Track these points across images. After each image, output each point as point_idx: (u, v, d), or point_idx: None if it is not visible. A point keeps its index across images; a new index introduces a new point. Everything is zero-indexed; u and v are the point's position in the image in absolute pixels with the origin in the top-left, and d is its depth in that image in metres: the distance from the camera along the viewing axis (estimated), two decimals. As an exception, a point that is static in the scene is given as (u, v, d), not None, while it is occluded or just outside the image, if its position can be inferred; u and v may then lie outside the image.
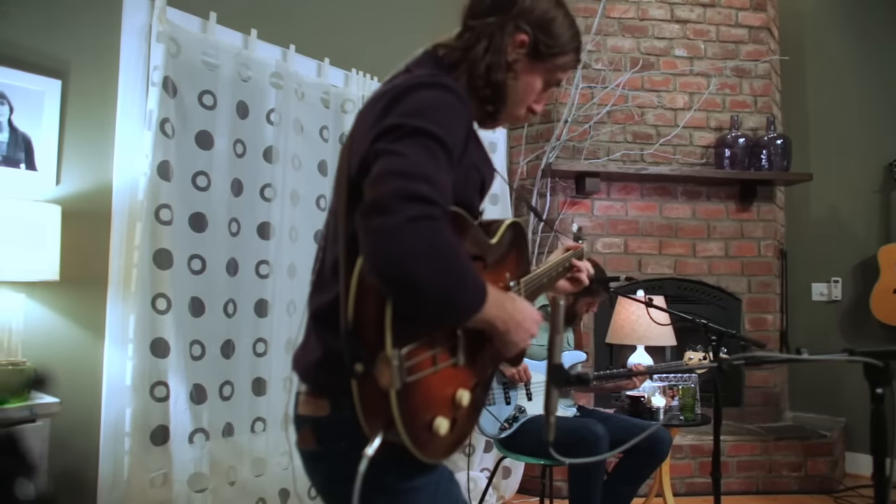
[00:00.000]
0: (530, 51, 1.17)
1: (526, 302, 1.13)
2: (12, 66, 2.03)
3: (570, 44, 1.20)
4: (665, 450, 2.50)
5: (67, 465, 2.10)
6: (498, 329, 1.04)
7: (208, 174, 2.45)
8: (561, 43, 1.18)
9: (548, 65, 1.19)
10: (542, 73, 1.20)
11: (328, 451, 1.05)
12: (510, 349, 1.09)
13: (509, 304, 1.06)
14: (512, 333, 1.06)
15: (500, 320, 1.03)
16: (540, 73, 1.20)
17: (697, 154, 3.92)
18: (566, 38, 1.19)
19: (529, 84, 1.20)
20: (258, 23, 2.67)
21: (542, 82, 1.22)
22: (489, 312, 0.99)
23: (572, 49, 1.21)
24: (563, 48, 1.19)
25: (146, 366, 2.21)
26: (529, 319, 1.10)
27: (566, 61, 1.21)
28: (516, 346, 1.09)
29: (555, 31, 1.17)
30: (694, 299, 3.84)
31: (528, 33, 1.16)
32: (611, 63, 3.87)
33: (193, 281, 2.39)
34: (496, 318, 1.02)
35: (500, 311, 1.03)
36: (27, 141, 2.07)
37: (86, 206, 2.17)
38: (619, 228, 3.83)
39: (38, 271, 1.89)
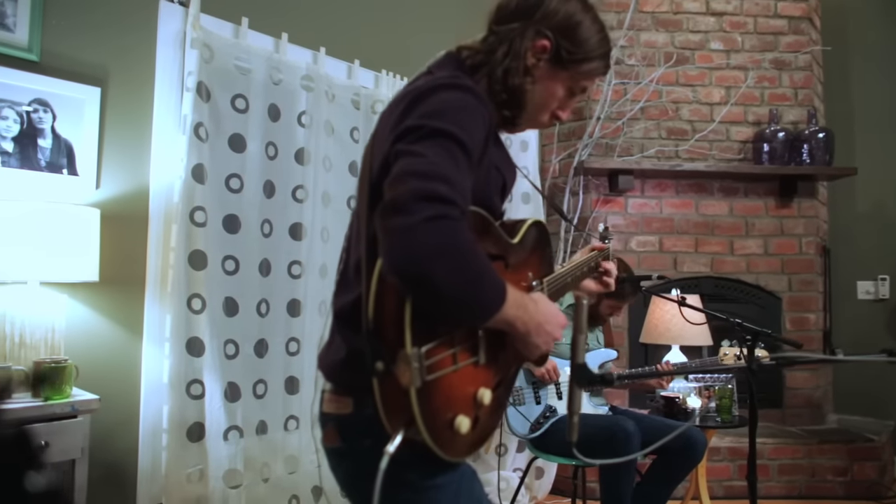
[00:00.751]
0: (552, 57, 1.15)
1: (550, 304, 1.12)
2: (55, 75, 2.11)
3: (596, 50, 1.17)
4: (700, 452, 2.45)
5: (109, 460, 2.17)
6: (518, 330, 1.03)
7: (241, 176, 2.50)
8: (586, 49, 1.16)
9: (571, 72, 1.17)
10: (564, 80, 1.19)
11: (352, 448, 1.06)
12: (532, 351, 1.08)
13: (531, 305, 1.05)
14: (533, 335, 1.05)
15: (521, 321, 1.02)
16: (562, 80, 1.18)
17: (735, 149, 3.82)
18: (592, 44, 1.16)
19: (550, 90, 1.19)
20: (289, 26, 2.71)
21: (564, 89, 1.20)
22: (509, 313, 0.99)
23: (599, 55, 1.18)
24: (587, 54, 1.16)
25: (182, 364, 2.27)
26: (552, 322, 1.09)
27: (592, 68, 1.19)
28: (538, 348, 1.08)
29: (580, 37, 1.15)
30: (732, 298, 3.75)
31: (549, 39, 1.14)
32: (644, 58, 3.81)
33: (227, 281, 2.44)
34: (516, 319, 1.01)
35: (522, 313, 1.02)
36: (69, 147, 2.14)
37: (124, 209, 2.24)
38: (654, 226, 3.77)
39: (79, 273, 1.96)
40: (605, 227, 1.73)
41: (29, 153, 2.07)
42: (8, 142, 2.03)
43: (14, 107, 2.04)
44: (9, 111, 2.03)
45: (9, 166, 2.02)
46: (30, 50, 2.07)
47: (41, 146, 2.09)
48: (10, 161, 2.03)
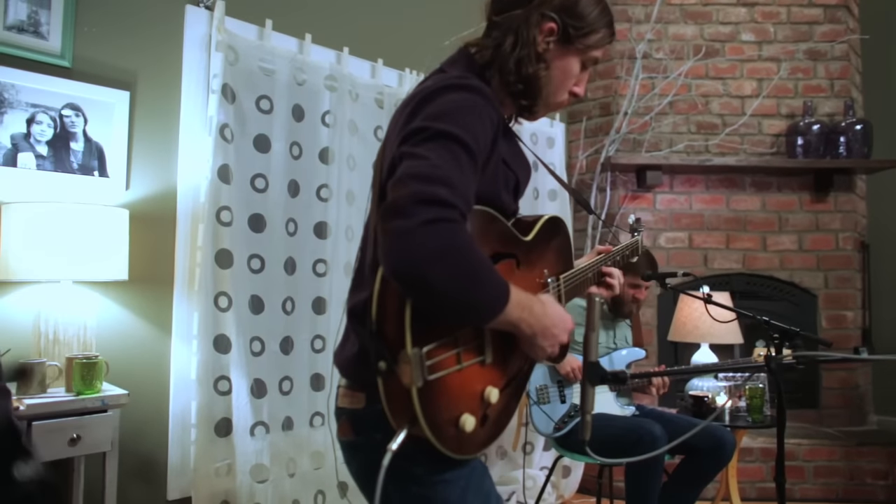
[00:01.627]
0: (560, 37, 1.15)
1: (558, 306, 1.11)
2: (86, 80, 2.17)
3: (599, 20, 1.17)
4: (728, 452, 2.40)
5: (140, 453, 2.23)
6: (524, 332, 1.02)
7: (266, 176, 2.54)
8: (590, 21, 1.16)
9: (579, 46, 1.17)
10: (576, 56, 1.18)
11: (364, 441, 1.07)
12: (537, 353, 1.08)
13: (538, 307, 1.04)
14: (539, 337, 1.04)
15: (526, 323, 1.01)
16: (574, 56, 1.18)
17: (767, 143, 3.73)
18: (594, 16, 1.16)
19: (565, 69, 1.18)
20: (312, 27, 2.74)
21: (578, 64, 1.20)
22: (513, 315, 0.98)
23: (603, 25, 1.18)
24: (592, 26, 1.16)
25: (210, 361, 2.31)
26: (559, 325, 1.08)
27: (598, 38, 1.18)
28: (543, 351, 1.07)
29: (581, 12, 1.15)
30: (765, 295, 3.66)
31: (555, 20, 1.14)
32: (672, 52, 3.74)
33: (253, 280, 2.48)
34: (521, 321, 1.01)
35: (527, 315, 1.01)
36: (100, 150, 2.21)
37: (153, 210, 2.29)
38: (683, 222, 3.70)
39: (110, 272, 2.02)
40: (636, 218, 1.71)
41: (62, 156, 2.14)
42: (42, 145, 2.10)
43: (48, 112, 2.11)
44: (43, 116, 2.10)
45: (43, 169, 2.09)
46: (62, 56, 2.14)
47: (73, 149, 2.15)
48: (45, 164, 2.10)
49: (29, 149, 2.07)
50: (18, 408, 1.68)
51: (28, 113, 2.07)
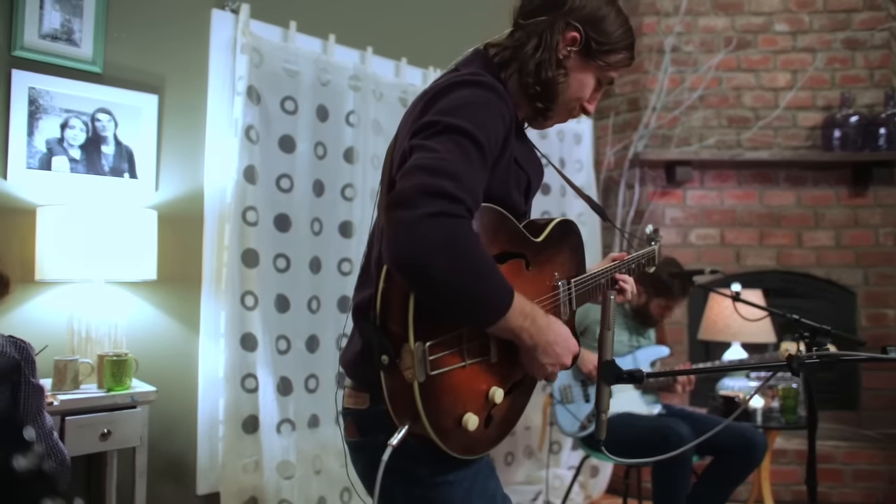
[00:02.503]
0: (582, 48, 1.15)
1: (564, 327, 1.08)
2: (116, 85, 2.23)
3: (621, 41, 1.17)
4: (759, 454, 2.34)
5: (170, 449, 2.29)
6: (525, 342, 1.01)
7: (291, 177, 2.57)
8: (613, 41, 1.16)
9: (599, 62, 1.17)
10: (594, 71, 1.18)
11: (368, 442, 1.08)
12: (537, 370, 1.06)
13: (542, 320, 1.02)
14: (540, 352, 1.02)
15: (528, 334, 1.00)
16: (593, 71, 1.18)
17: (802, 136, 3.62)
18: (618, 36, 1.16)
19: (582, 81, 1.18)
20: (336, 28, 2.76)
21: (594, 80, 1.19)
22: (515, 322, 0.97)
23: (624, 47, 1.18)
24: (614, 46, 1.16)
25: (237, 359, 2.36)
26: (563, 345, 1.05)
27: (618, 59, 1.18)
28: (543, 368, 1.05)
29: (606, 29, 1.15)
30: (800, 293, 3.56)
31: (579, 31, 1.14)
32: (702, 44, 3.66)
33: (279, 279, 2.51)
34: (522, 330, 0.99)
35: (529, 324, 0.99)
36: (129, 152, 2.26)
37: (181, 210, 2.34)
38: (715, 219, 3.62)
39: (140, 272, 2.07)
40: (653, 229, 1.68)
41: (94, 159, 2.20)
42: (76, 149, 2.17)
43: (80, 116, 2.17)
44: (76, 121, 2.16)
45: (76, 172, 2.16)
46: (94, 63, 2.20)
47: (104, 152, 2.22)
48: (78, 167, 2.16)
49: (63, 152, 2.14)
50: (52, 403, 1.73)
51: (62, 118, 2.14)
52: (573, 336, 1.11)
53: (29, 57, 2.07)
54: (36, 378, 1.46)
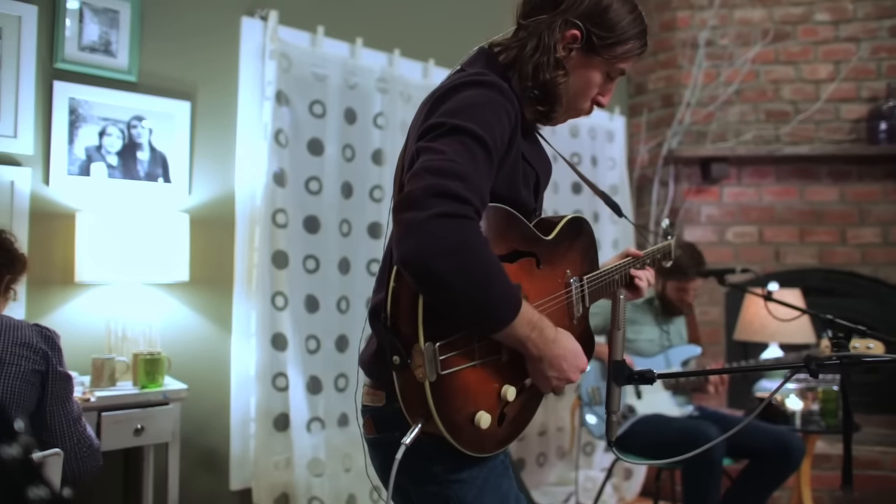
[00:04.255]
0: (584, 45, 1.12)
1: (575, 342, 1.07)
2: (151, 93, 2.31)
3: (629, 31, 1.13)
4: (796, 458, 2.27)
5: (204, 445, 2.35)
6: (531, 353, 1.00)
7: (320, 179, 2.62)
8: (618, 32, 1.12)
9: (605, 56, 1.13)
10: (600, 66, 1.15)
11: (385, 439, 1.09)
12: (542, 383, 1.04)
13: (550, 332, 1.01)
14: (546, 364, 1.01)
15: (534, 344, 0.99)
16: (598, 66, 1.15)
17: (845, 129, 3.49)
18: (624, 26, 1.12)
19: (587, 78, 1.16)
20: (364, 31, 2.79)
21: (601, 75, 1.16)
22: (521, 331, 0.96)
23: (633, 36, 1.14)
24: (620, 37, 1.12)
25: (267, 358, 2.41)
26: (570, 360, 1.04)
27: (627, 49, 1.15)
28: (548, 381, 1.03)
29: (610, 21, 1.11)
30: (844, 292, 3.43)
31: (579, 28, 1.11)
32: (738, 37, 3.57)
33: (308, 279, 2.56)
34: (529, 340, 0.98)
35: (536, 335, 0.98)
36: (164, 158, 2.34)
37: (213, 213, 2.41)
38: (753, 216, 3.52)
39: (173, 274, 2.13)
40: (669, 223, 1.65)
41: (130, 165, 2.28)
42: (112, 156, 2.25)
43: (117, 124, 2.26)
44: (113, 128, 2.25)
45: (113, 177, 2.24)
46: (129, 72, 2.28)
47: (140, 158, 2.30)
48: (115, 173, 2.25)
49: (100, 159, 2.22)
50: (89, 399, 1.81)
51: (100, 126, 2.22)
52: (581, 337, 1.10)
53: (69, 69, 2.16)
54: (63, 366, 1.52)
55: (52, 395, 1.49)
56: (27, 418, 1.46)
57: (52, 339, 1.53)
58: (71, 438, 1.51)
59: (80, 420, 1.55)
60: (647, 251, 1.43)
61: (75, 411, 1.54)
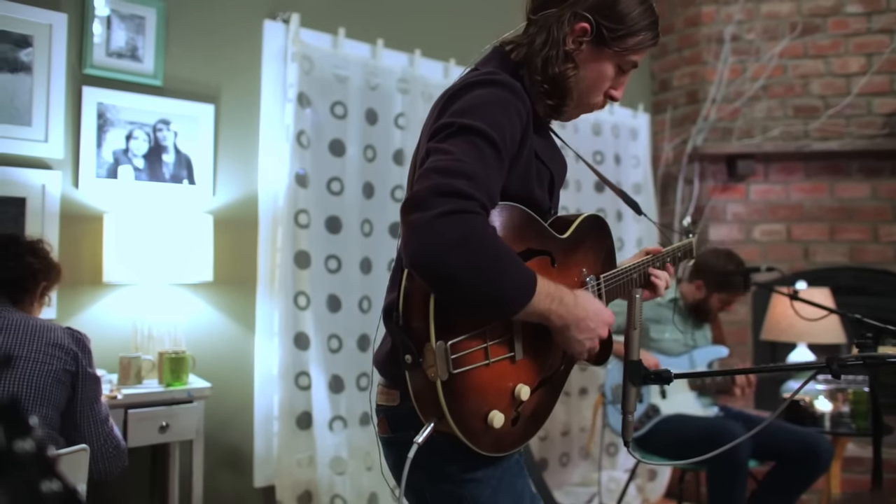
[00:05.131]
0: (594, 38, 1.11)
1: (595, 300, 1.07)
2: (176, 96, 2.35)
3: (640, 22, 1.12)
4: (824, 461, 2.22)
5: (229, 443, 2.39)
6: (555, 324, 1.00)
7: (341, 179, 2.64)
8: (628, 23, 1.11)
9: (616, 48, 1.12)
10: (611, 59, 1.14)
11: (399, 438, 1.10)
12: (573, 347, 1.04)
13: (569, 298, 1.01)
14: (573, 330, 1.01)
15: (557, 315, 0.99)
16: (609, 59, 1.14)
17: (878, 124, 3.40)
18: (634, 17, 1.11)
19: (598, 72, 1.15)
20: (385, 32, 2.81)
21: (613, 68, 1.15)
22: (541, 305, 0.96)
23: (644, 27, 1.12)
24: (630, 28, 1.11)
25: (290, 357, 2.44)
26: (595, 318, 1.04)
27: (638, 41, 1.13)
28: (581, 344, 1.03)
29: (619, 12, 1.10)
30: (876, 291, 3.35)
31: (588, 20, 1.10)
32: (765, 31, 3.50)
33: (330, 279, 2.58)
34: (551, 312, 0.98)
35: (557, 306, 0.99)
36: (188, 160, 2.38)
37: (237, 214, 2.45)
38: (781, 214, 3.45)
39: (197, 274, 2.17)
40: (690, 220, 1.62)
41: (156, 168, 2.33)
42: (139, 159, 2.30)
43: (143, 127, 2.30)
44: (139, 132, 2.30)
45: (140, 180, 2.29)
46: (155, 76, 2.33)
47: (165, 161, 2.34)
48: (141, 175, 2.30)
49: (127, 162, 2.27)
50: (116, 396, 1.85)
51: (126, 130, 2.28)
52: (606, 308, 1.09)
53: (97, 74, 2.21)
54: (92, 368, 1.56)
55: (83, 396, 1.53)
56: (57, 415, 1.51)
57: (82, 342, 1.57)
58: (99, 439, 1.55)
59: (108, 421, 1.59)
60: (667, 249, 1.42)
61: (103, 412, 1.58)
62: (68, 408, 1.53)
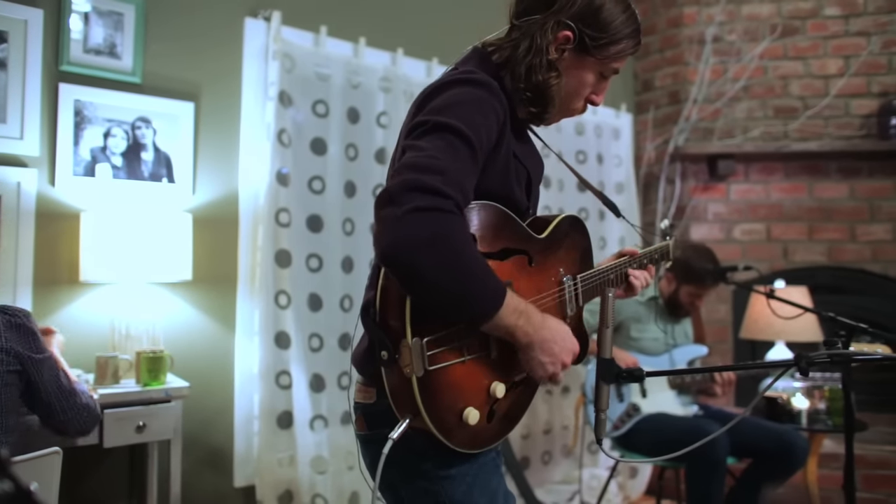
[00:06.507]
0: (577, 46, 1.12)
1: (563, 325, 1.06)
2: (155, 94, 2.33)
3: (622, 30, 1.13)
4: (800, 457, 2.25)
5: (209, 442, 2.38)
6: (520, 341, 1.00)
7: (323, 178, 2.63)
8: (611, 32, 1.12)
9: (598, 56, 1.13)
10: (593, 66, 1.15)
11: (375, 435, 1.10)
12: (535, 369, 1.03)
13: (537, 318, 1.01)
14: (537, 350, 1.01)
15: (523, 332, 0.99)
16: (591, 66, 1.15)
17: (855, 125, 3.45)
18: (617, 25, 1.12)
19: (580, 79, 1.16)
20: (367, 31, 2.80)
21: (594, 75, 1.16)
22: (508, 319, 0.96)
23: (626, 35, 1.13)
24: (613, 37, 1.12)
25: (271, 356, 2.43)
26: (560, 343, 1.03)
27: (620, 49, 1.14)
28: (542, 366, 1.02)
29: (603, 21, 1.11)
30: (854, 290, 3.39)
31: (571, 29, 1.11)
32: (746, 33, 3.54)
33: (311, 278, 2.57)
34: (517, 328, 0.98)
35: (524, 322, 0.98)
36: (168, 158, 2.37)
37: (217, 213, 2.43)
38: (761, 213, 3.49)
39: (175, 273, 2.15)
40: (668, 223, 1.64)
41: (134, 166, 2.31)
42: (117, 157, 2.28)
43: (122, 125, 2.28)
44: (117, 129, 2.28)
45: (118, 178, 2.27)
46: (134, 74, 2.31)
47: (144, 159, 2.32)
48: (119, 173, 2.28)
49: (105, 160, 2.25)
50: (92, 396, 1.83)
51: (104, 127, 2.25)
52: (574, 335, 1.09)
53: (75, 71, 2.19)
54: (40, 351, 1.54)
55: (42, 382, 1.54)
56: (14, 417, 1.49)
57: (21, 325, 1.51)
58: (72, 410, 1.60)
59: (75, 391, 1.61)
60: (645, 251, 1.43)
61: (66, 386, 1.59)
62: (32, 397, 1.54)
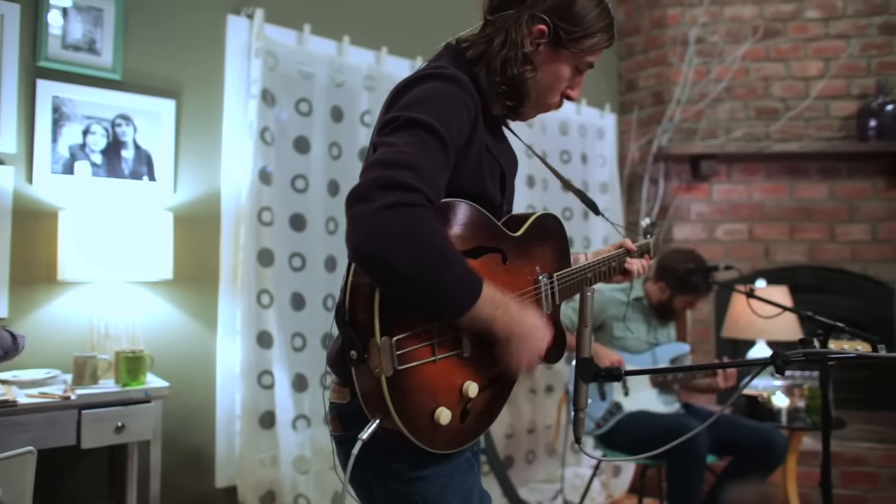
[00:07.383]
0: (551, 40, 1.12)
1: (538, 317, 1.06)
2: (136, 91, 2.31)
3: (596, 24, 1.13)
4: (779, 455, 2.28)
5: (190, 443, 2.36)
6: (497, 333, 0.99)
7: (306, 177, 2.62)
8: (585, 25, 1.12)
9: (573, 50, 1.14)
10: (568, 60, 1.15)
11: (350, 436, 1.09)
12: (511, 363, 1.03)
13: (514, 308, 1.00)
14: (515, 340, 1.00)
15: (501, 323, 0.98)
16: (566, 60, 1.15)
17: (835, 126, 3.49)
18: (591, 19, 1.13)
19: (556, 73, 1.16)
20: (351, 29, 2.79)
21: (570, 69, 1.17)
22: (485, 311, 0.96)
23: (600, 29, 1.14)
24: (587, 31, 1.13)
25: (253, 356, 2.41)
26: (535, 335, 1.03)
27: (594, 43, 1.15)
28: (519, 360, 1.02)
29: (576, 15, 1.12)
30: (834, 289, 3.44)
31: (546, 22, 1.11)
32: (728, 34, 3.57)
33: (294, 277, 2.56)
34: (495, 320, 0.97)
35: (501, 314, 0.98)
36: (148, 156, 2.34)
37: (199, 211, 2.41)
38: (743, 213, 3.52)
39: (156, 272, 2.13)
40: (650, 222, 1.65)
41: (114, 164, 2.28)
42: (97, 154, 2.25)
43: (101, 122, 2.25)
44: (97, 127, 2.25)
45: (98, 176, 2.24)
46: (114, 70, 2.28)
47: (124, 157, 2.30)
48: (99, 171, 2.25)
49: (84, 157, 2.22)
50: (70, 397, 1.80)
51: (84, 124, 2.22)
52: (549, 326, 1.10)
53: (53, 67, 2.16)
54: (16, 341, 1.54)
55: None
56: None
57: None
58: None
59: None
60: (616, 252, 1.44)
61: None
62: None
